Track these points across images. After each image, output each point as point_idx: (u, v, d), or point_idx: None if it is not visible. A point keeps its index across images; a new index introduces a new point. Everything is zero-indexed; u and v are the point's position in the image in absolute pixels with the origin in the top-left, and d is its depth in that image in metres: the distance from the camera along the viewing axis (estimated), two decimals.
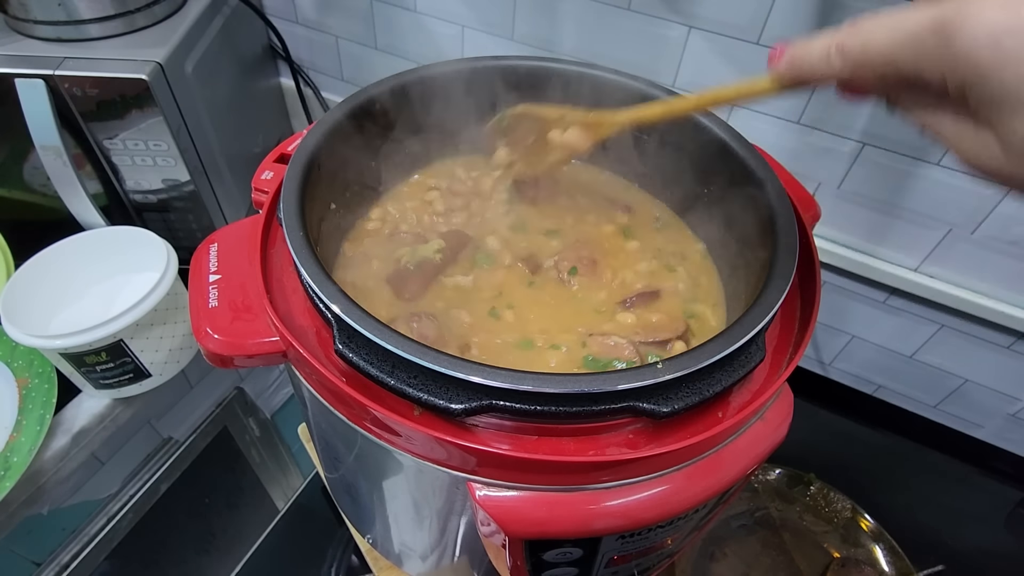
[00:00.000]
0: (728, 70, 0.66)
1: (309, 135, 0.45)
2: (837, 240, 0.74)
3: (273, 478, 0.92)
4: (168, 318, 0.66)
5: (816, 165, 0.69)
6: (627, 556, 0.40)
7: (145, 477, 0.76)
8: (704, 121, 0.48)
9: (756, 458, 0.37)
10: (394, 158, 0.54)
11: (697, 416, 0.36)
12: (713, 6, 0.63)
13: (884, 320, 0.77)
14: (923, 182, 0.64)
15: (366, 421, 0.36)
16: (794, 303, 0.43)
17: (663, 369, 0.32)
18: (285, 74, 0.98)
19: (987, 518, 0.76)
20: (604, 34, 0.70)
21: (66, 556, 0.69)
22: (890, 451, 0.81)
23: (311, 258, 0.37)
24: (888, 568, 0.66)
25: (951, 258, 0.68)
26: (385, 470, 0.41)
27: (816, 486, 0.71)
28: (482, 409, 0.32)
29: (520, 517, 0.34)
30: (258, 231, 0.42)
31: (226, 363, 0.39)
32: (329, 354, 0.37)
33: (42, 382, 0.65)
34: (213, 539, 0.85)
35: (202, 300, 0.40)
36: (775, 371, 0.39)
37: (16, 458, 0.60)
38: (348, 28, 0.88)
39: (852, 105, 0.62)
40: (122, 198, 0.77)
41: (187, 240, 0.82)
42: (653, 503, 0.34)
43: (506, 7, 0.74)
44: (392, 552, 0.56)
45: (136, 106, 0.68)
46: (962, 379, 0.78)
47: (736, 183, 0.46)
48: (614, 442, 0.35)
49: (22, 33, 0.71)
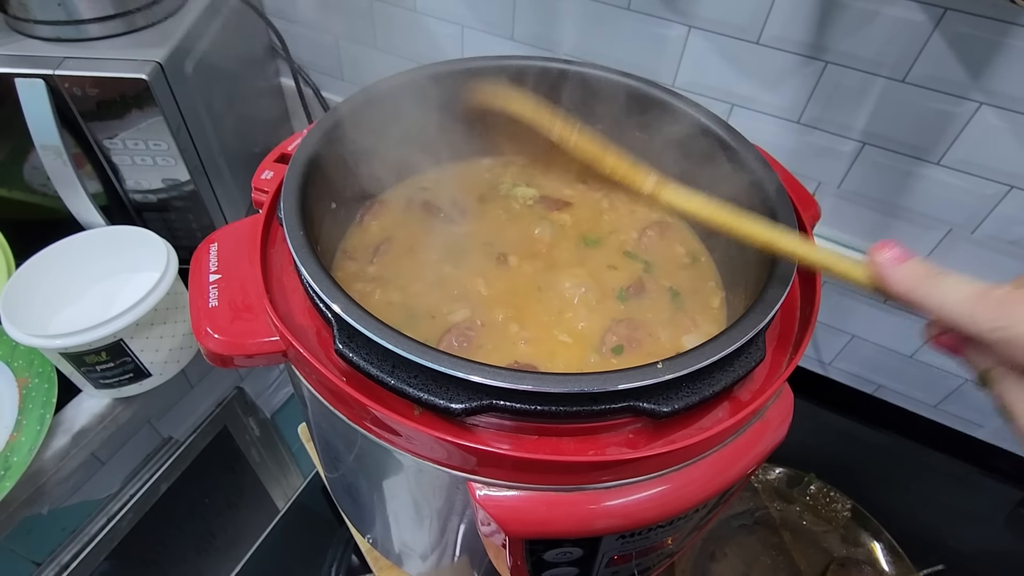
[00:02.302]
0: (728, 70, 0.66)
1: (309, 135, 0.45)
2: (837, 240, 0.73)
3: (273, 478, 0.92)
4: (168, 318, 0.66)
5: (816, 165, 0.69)
6: (627, 556, 0.40)
7: (145, 477, 0.76)
8: (704, 121, 0.48)
9: (756, 458, 0.37)
10: (394, 158, 0.54)
11: (697, 416, 0.36)
12: (713, 6, 0.63)
13: (884, 320, 0.77)
14: (923, 182, 0.64)
15: (366, 421, 0.36)
16: (794, 303, 0.43)
17: (663, 369, 0.32)
18: (285, 74, 0.98)
19: (987, 518, 0.76)
20: (604, 34, 0.70)
21: (66, 556, 0.69)
22: (890, 451, 0.81)
23: (311, 258, 0.37)
24: (888, 568, 0.66)
25: (951, 258, 0.68)
26: (385, 470, 0.41)
27: (816, 486, 0.71)
28: (482, 409, 0.32)
29: (520, 517, 0.34)
30: (258, 231, 0.42)
31: (226, 363, 0.39)
32: (329, 354, 0.37)
33: (42, 382, 0.65)
34: (213, 539, 0.85)
35: (202, 300, 0.40)
36: (775, 371, 0.39)
37: (16, 458, 0.60)
38: (348, 28, 0.88)
39: (852, 106, 0.63)
40: (122, 198, 0.77)
41: (187, 240, 0.82)
42: (653, 503, 0.34)
43: (506, 7, 0.74)
44: (392, 552, 0.56)
45: (136, 106, 0.68)
46: (962, 379, 0.78)
47: (736, 183, 0.46)
48: (614, 442, 0.35)
49: (22, 33, 0.71)
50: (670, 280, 0.50)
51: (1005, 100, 0.56)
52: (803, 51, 0.62)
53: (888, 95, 0.61)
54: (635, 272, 0.50)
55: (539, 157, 0.59)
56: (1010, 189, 0.61)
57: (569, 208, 0.55)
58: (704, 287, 0.50)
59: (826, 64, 0.61)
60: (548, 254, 0.51)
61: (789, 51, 0.62)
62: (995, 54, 0.54)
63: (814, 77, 0.63)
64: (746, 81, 0.66)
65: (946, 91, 0.58)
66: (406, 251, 0.50)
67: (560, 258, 0.51)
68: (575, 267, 0.50)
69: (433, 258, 0.50)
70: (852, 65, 0.60)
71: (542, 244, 0.52)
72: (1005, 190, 0.61)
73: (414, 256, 0.50)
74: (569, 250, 0.52)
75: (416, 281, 0.48)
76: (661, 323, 0.46)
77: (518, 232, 0.53)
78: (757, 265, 0.43)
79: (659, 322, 0.46)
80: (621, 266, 0.51)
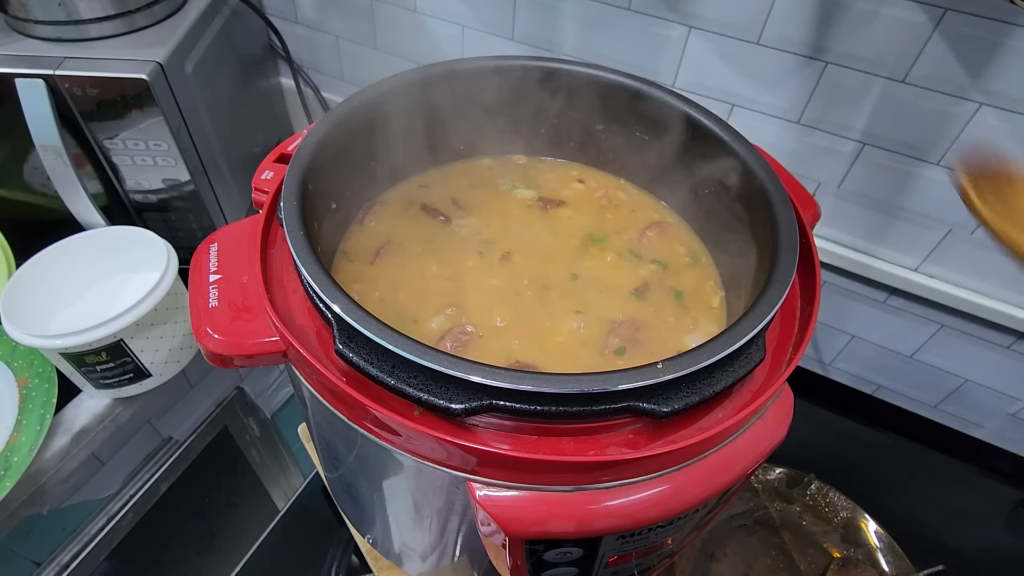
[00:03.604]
0: (728, 70, 0.66)
1: (309, 135, 0.45)
2: (837, 240, 0.74)
3: (273, 478, 0.92)
4: (168, 318, 0.66)
5: (816, 165, 0.69)
6: (627, 556, 0.40)
7: (145, 477, 0.76)
8: (704, 121, 0.48)
9: (756, 458, 0.37)
10: (394, 158, 0.54)
11: (697, 416, 0.36)
12: (713, 6, 0.63)
13: (884, 320, 0.77)
14: (923, 182, 0.64)
15: (366, 421, 0.36)
16: (794, 303, 0.43)
17: (663, 369, 0.32)
18: (285, 74, 0.98)
19: (987, 518, 0.76)
20: (604, 34, 0.70)
21: (66, 556, 0.69)
22: (890, 451, 0.81)
23: (311, 258, 0.37)
24: (888, 568, 0.66)
25: (951, 258, 0.68)
26: (385, 470, 0.41)
27: (816, 486, 0.71)
28: (482, 409, 0.32)
29: (520, 517, 0.34)
30: (258, 231, 0.42)
31: (226, 363, 0.39)
32: (329, 354, 0.37)
33: (42, 382, 0.65)
34: (213, 539, 0.85)
35: (202, 300, 0.40)
36: (775, 371, 0.39)
37: (16, 458, 0.60)
38: (348, 28, 0.88)
39: (852, 107, 0.63)
40: (122, 198, 0.77)
41: (187, 240, 0.82)
42: (653, 503, 0.34)
43: (506, 7, 0.74)
44: (392, 552, 0.56)
45: (136, 106, 0.68)
46: (962, 379, 0.78)
47: (736, 183, 0.46)
48: (614, 442, 0.35)
49: (22, 33, 0.71)
50: (672, 280, 0.50)
51: (1005, 100, 0.56)
52: (803, 51, 0.62)
53: (888, 95, 0.61)
54: (637, 272, 0.50)
55: (538, 157, 0.59)
56: None
57: (569, 208, 0.55)
58: (704, 287, 0.50)
59: (826, 64, 0.61)
60: (549, 254, 0.51)
61: (789, 51, 0.62)
62: (995, 54, 0.54)
63: (814, 77, 0.63)
64: (746, 81, 0.66)
65: (946, 91, 0.58)
66: (406, 251, 0.50)
67: (561, 258, 0.51)
68: (576, 267, 0.50)
69: (433, 258, 0.50)
70: (852, 65, 0.60)
71: (543, 244, 0.52)
72: None
73: (414, 256, 0.50)
74: (570, 250, 0.52)
75: (416, 281, 0.48)
76: (664, 323, 0.46)
77: (518, 232, 0.53)
78: (757, 265, 0.43)
79: (662, 322, 0.46)
80: (622, 266, 0.51)
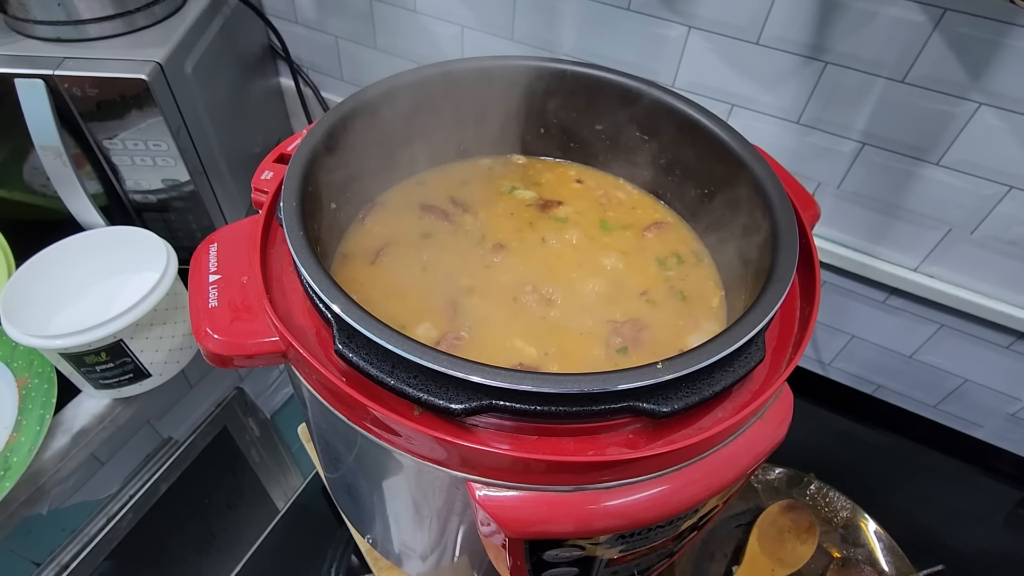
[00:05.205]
0: (728, 70, 0.66)
1: (309, 135, 0.45)
2: (837, 240, 0.74)
3: (273, 478, 0.92)
4: (168, 318, 0.66)
5: (816, 165, 0.69)
6: (627, 556, 0.40)
7: (145, 477, 0.76)
8: (704, 121, 0.48)
9: (756, 458, 0.37)
10: (394, 158, 0.54)
11: (697, 416, 0.36)
12: (713, 6, 0.63)
13: (884, 320, 0.77)
14: (923, 182, 0.64)
15: (366, 421, 0.36)
16: (794, 303, 0.43)
17: (663, 369, 0.32)
18: (285, 74, 0.98)
19: (987, 518, 0.76)
20: (604, 34, 0.70)
21: (66, 556, 0.69)
22: (890, 451, 0.81)
23: (311, 258, 0.37)
24: (888, 568, 0.66)
25: (951, 258, 0.68)
26: (385, 470, 0.41)
27: (816, 486, 0.71)
28: (482, 409, 0.32)
29: (520, 517, 0.34)
30: (258, 231, 0.42)
31: (226, 363, 0.39)
32: (329, 354, 0.37)
33: (42, 382, 0.65)
34: (213, 539, 0.85)
35: (202, 300, 0.40)
36: (775, 371, 0.39)
37: (16, 458, 0.60)
38: (348, 28, 0.88)
39: (852, 107, 0.63)
40: (122, 198, 0.77)
41: (187, 240, 0.82)
42: (653, 503, 0.34)
43: (506, 7, 0.74)
44: (392, 552, 0.56)
45: (136, 106, 0.68)
46: (962, 379, 0.78)
47: (736, 183, 0.46)
48: (614, 442, 0.35)
49: (22, 33, 0.71)
50: (673, 280, 0.50)
51: (1004, 100, 0.56)
52: (803, 51, 0.62)
53: (888, 95, 0.61)
54: (638, 272, 0.50)
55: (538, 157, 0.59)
56: (1009, 189, 0.61)
57: (568, 208, 0.55)
58: (704, 287, 0.50)
59: (826, 64, 0.61)
60: (549, 254, 0.51)
61: (789, 51, 0.62)
62: (995, 54, 0.54)
63: (814, 77, 0.63)
64: (746, 81, 0.66)
65: (946, 91, 0.58)
66: (406, 251, 0.50)
67: (562, 258, 0.51)
68: (576, 267, 0.50)
69: (433, 258, 0.50)
70: (852, 65, 0.60)
71: (543, 244, 0.52)
72: (1004, 190, 0.61)
73: (414, 256, 0.50)
74: (570, 250, 0.52)
75: (416, 281, 0.48)
76: (666, 323, 0.46)
77: (517, 232, 0.53)
78: (757, 265, 0.43)
79: (664, 322, 0.46)
80: (622, 266, 0.51)
